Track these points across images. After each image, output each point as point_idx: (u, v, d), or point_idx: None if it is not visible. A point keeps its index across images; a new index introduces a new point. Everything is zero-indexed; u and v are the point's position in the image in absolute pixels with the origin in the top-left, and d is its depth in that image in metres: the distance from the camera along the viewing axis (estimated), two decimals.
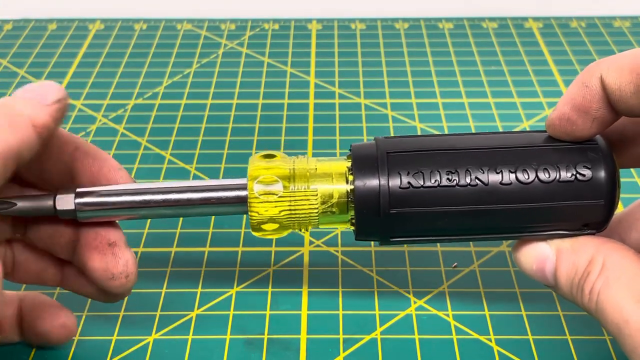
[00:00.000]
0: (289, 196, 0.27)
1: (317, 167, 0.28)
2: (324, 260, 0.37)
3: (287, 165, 0.28)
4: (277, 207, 0.27)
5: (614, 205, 0.26)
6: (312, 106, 0.49)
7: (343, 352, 0.32)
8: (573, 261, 0.26)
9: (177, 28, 0.59)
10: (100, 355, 0.32)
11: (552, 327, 0.33)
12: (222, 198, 0.28)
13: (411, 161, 0.26)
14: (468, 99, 0.49)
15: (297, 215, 0.28)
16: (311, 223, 0.28)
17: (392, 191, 0.26)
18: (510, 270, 0.36)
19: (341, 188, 0.27)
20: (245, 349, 0.32)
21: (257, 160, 0.28)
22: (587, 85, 0.25)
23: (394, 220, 0.26)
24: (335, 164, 0.28)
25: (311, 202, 0.27)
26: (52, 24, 0.60)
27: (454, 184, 0.26)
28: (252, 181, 0.27)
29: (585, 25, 0.59)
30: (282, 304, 0.34)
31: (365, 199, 0.26)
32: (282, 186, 0.27)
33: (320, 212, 0.28)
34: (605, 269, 0.24)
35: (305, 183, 0.27)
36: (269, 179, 0.27)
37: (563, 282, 0.26)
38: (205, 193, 0.28)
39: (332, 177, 0.27)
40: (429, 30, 0.58)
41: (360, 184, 0.26)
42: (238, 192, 0.28)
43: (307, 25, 0.59)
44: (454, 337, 0.33)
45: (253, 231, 0.28)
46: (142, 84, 0.51)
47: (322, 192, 0.27)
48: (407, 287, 0.35)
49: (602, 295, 0.24)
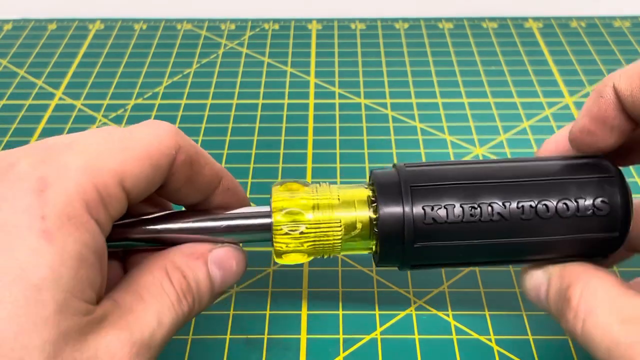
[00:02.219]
0: (314, 227, 0.27)
1: (339, 196, 0.28)
2: (324, 260, 0.37)
3: (310, 196, 0.28)
4: (300, 239, 0.28)
5: (627, 234, 0.27)
6: (312, 106, 0.49)
7: (343, 352, 0.32)
8: (558, 288, 0.26)
9: (177, 28, 0.59)
10: None
11: (552, 327, 0.33)
12: (247, 225, 0.28)
13: (435, 196, 0.26)
14: (468, 99, 0.49)
15: (322, 245, 0.28)
16: (334, 251, 0.28)
17: (417, 226, 0.26)
18: (510, 270, 0.36)
19: (363, 215, 0.27)
20: (245, 349, 0.32)
21: (280, 192, 0.28)
22: (601, 96, 0.26)
23: (417, 250, 0.27)
24: (357, 191, 0.28)
25: (335, 231, 0.27)
26: (52, 24, 0.60)
27: (476, 219, 0.26)
28: (276, 213, 0.27)
29: (585, 25, 0.59)
30: (282, 304, 0.34)
31: (389, 230, 0.26)
32: (306, 218, 0.27)
33: (344, 240, 0.28)
34: (584, 294, 0.25)
35: (328, 213, 0.27)
36: (293, 212, 0.27)
37: (552, 306, 0.26)
38: (231, 221, 0.28)
39: (355, 205, 0.28)
40: (429, 30, 0.58)
41: (384, 216, 0.26)
42: (262, 220, 0.28)
43: (307, 25, 0.59)
44: (454, 337, 0.33)
45: (276, 258, 0.28)
46: (142, 84, 0.51)
47: (346, 221, 0.27)
48: (407, 287, 0.35)
49: (587, 321, 0.24)
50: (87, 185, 0.23)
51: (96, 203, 0.23)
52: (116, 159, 0.24)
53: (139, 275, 0.26)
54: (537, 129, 0.46)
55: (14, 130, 0.47)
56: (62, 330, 0.21)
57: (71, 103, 0.50)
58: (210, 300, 0.27)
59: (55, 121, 0.48)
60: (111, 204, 0.23)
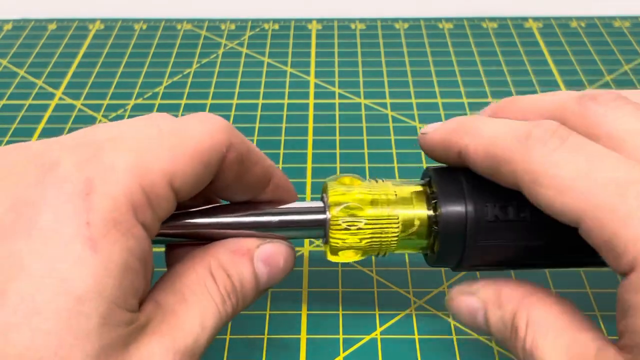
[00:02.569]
0: (372, 223, 0.27)
1: (396, 192, 0.27)
2: (324, 260, 0.37)
3: (367, 191, 0.27)
4: (358, 235, 0.27)
5: None
6: (312, 106, 0.49)
7: (343, 352, 0.32)
8: (500, 316, 0.25)
9: (177, 28, 0.59)
10: None
11: None
12: (299, 221, 0.27)
13: (498, 192, 0.25)
14: (468, 99, 0.49)
15: (378, 242, 0.27)
16: (389, 249, 0.28)
17: (479, 223, 0.25)
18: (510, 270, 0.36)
19: (422, 213, 0.27)
20: (245, 349, 0.32)
21: (336, 186, 0.28)
22: (447, 151, 0.26)
23: (478, 249, 0.26)
24: (413, 188, 0.27)
25: (392, 228, 0.27)
26: (52, 24, 0.60)
27: (539, 218, 0.25)
28: (333, 207, 0.27)
29: (585, 25, 0.59)
30: (282, 304, 0.34)
31: (451, 228, 0.26)
32: (365, 213, 0.27)
33: (400, 238, 0.27)
34: (530, 325, 0.24)
35: (387, 209, 0.27)
36: (351, 207, 0.27)
37: (495, 334, 0.26)
38: (283, 216, 0.27)
39: (413, 202, 0.27)
40: (429, 30, 0.58)
41: (446, 213, 0.26)
42: (315, 216, 0.27)
43: (307, 25, 0.59)
44: (454, 337, 0.33)
45: (330, 255, 0.28)
46: (142, 84, 0.51)
47: (404, 218, 0.27)
48: (407, 287, 0.35)
49: (535, 355, 0.23)
50: (134, 187, 0.21)
51: (143, 205, 0.22)
52: (166, 157, 0.22)
53: (182, 272, 0.25)
54: None
55: (14, 130, 0.47)
56: (105, 343, 0.20)
57: (71, 103, 0.50)
58: (254, 299, 0.26)
59: (55, 121, 0.48)
60: (159, 204, 0.22)
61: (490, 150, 0.24)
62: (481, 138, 0.25)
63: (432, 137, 0.27)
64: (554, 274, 0.36)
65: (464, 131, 0.26)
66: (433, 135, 0.27)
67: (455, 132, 0.26)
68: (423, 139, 0.28)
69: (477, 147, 0.25)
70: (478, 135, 0.25)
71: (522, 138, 0.24)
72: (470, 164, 0.26)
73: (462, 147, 0.26)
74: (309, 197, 0.41)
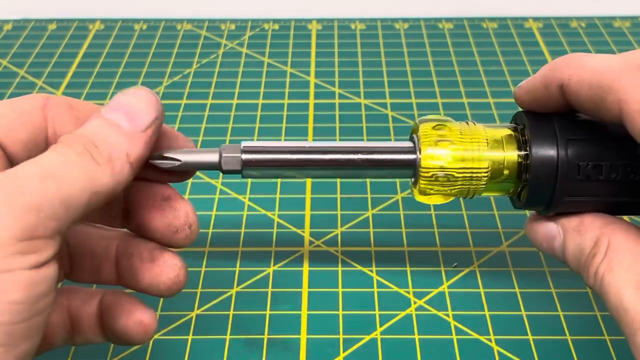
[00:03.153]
0: (461, 174, 0.27)
1: (487, 137, 0.27)
2: (324, 260, 0.37)
3: (457, 129, 0.28)
4: (447, 185, 0.27)
5: None
6: (312, 106, 0.49)
7: (343, 352, 0.32)
8: (579, 242, 0.26)
9: (177, 28, 0.59)
10: (101, 355, 0.32)
11: (552, 327, 0.33)
12: (391, 160, 0.27)
13: (591, 151, 0.26)
14: (468, 99, 0.49)
15: (467, 187, 0.28)
16: (477, 191, 0.28)
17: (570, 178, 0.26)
18: (510, 270, 0.36)
19: (512, 157, 0.27)
20: (245, 349, 0.32)
21: (427, 125, 0.28)
22: (547, 88, 0.26)
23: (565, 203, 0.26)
24: (504, 131, 0.28)
25: (482, 174, 0.27)
26: (52, 24, 0.60)
27: (630, 177, 0.26)
28: (425, 157, 0.27)
29: (585, 25, 0.59)
30: (282, 304, 0.34)
31: (541, 175, 0.26)
32: (454, 165, 0.27)
33: (489, 178, 0.27)
34: (609, 251, 0.25)
35: (477, 159, 0.27)
36: (441, 144, 0.27)
37: (570, 261, 0.26)
38: (372, 155, 0.27)
39: (504, 146, 0.27)
40: (429, 30, 0.58)
41: (537, 158, 0.26)
42: (407, 155, 0.28)
43: (307, 25, 0.59)
44: (454, 337, 0.33)
45: (419, 195, 0.28)
46: (142, 84, 0.51)
47: (493, 164, 0.27)
48: (407, 287, 0.35)
49: (605, 278, 0.24)
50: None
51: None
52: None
53: None
54: None
55: None
56: None
57: None
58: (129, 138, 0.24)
59: None
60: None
61: (595, 80, 0.24)
62: (585, 69, 0.25)
63: (531, 80, 0.27)
64: (554, 273, 0.36)
65: (565, 65, 0.26)
66: (532, 79, 0.27)
67: (557, 67, 0.26)
68: (519, 87, 0.28)
69: (582, 76, 0.25)
70: (581, 66, 0.25)
71: (631, 67, 0.23)
72: (572, 97, 0.25)
73: (564, 79, 0.25)
74: (308, 198, 0.41)
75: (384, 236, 0.38)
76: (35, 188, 0.22)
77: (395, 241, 0.38)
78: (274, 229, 0.39)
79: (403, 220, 0.39)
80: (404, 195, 0.41)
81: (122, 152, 0.24)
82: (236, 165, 0.28)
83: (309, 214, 0.40)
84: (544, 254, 0.37)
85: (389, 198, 0.41)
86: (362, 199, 0.41)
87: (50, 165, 0.22)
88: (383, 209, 0.40)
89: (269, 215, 0.40)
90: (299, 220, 0.39)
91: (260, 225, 0.39)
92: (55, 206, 0.22)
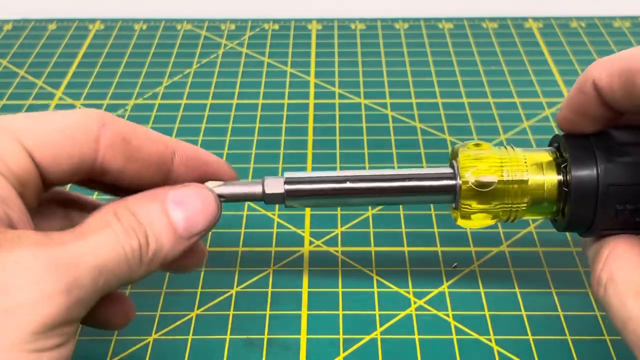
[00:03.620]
0: (503, 187, 0.27)
1: (526, 159, 0.28)
2: (324, 260, 0.37)
3: (498, 155, 0.28)
4: (488, 198, 0.27)
5: None
6: (312, 106, 0.49)
7: (343, 352, 0.32)
8: (589, 254, 0.26)
9: (177, 28, 0.59)
10: (101, 355, 0.32)
11: (552, 327, 0.33)
12: (430, 187, 0.28)
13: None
14: (468, 99, 0.49)
15: (509, 207, 0.28)
16: (519, 214, 0.28)
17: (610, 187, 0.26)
18: (510, 270, 0.36)
19: (552, 178, 0.27)
20: (245, 349, 0.32)
21: (467, 150, 0.28)
22: (582, 91, 0.26)
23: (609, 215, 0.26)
24: (542, 154, 0.28)
25: (523, 193, 0.27)
26: (52, 24, 0.60)
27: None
28: (464, 171, 0.27)
29: (585, 25, 0.59)
30: (282, 304, 0.34)
31: (583, 192, 0.26)
32: (496, 177, 0.27)
33: (531, 203, 0.27)
34: (609, 260, 0.25)
35: (518, 174, 0.27)
36: (483, 171, 0.27)
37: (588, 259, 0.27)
38: (412, 182, 0.28)
39: (543, 168, 0.27)
40: (429, 30, 0.58)
41: (577, 176, 0.26)
42: (446, 181, 0.28)
43: (307, 25, 0.59)
44: (454, 337, 0.33)
45: (461, 219, 0.28)
46: (142, 84, 0.51)
47: (534, 182, 0.27)
48: (407, 287, 0.35)
49: (608, 288, 0.24)
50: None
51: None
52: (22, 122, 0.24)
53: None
54: (537, 129, 0.46)
55: None
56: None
57: (71, 103, 0.50)
58: (176, 244, 0.25)
59: None
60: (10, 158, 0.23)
61: (625, 66, 0.24)
62: (613, 61, 0.25)
63: (569, 95, 0.27)
64: (554, 273, 0.36)
65: (594, 66, 0.26)
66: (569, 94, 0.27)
67: (587, 70, 0.26)
68: (560, 108, 0.27)
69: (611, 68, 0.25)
70: (609, 60, 0.25)
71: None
72: (606, 92, 0.25)
73: (595, 76, 0.25)
74: None
75: (384, 236, 0.38)
76: (89, 284, 0.22)
77: (395, 241, 0.38)
78: (274, 229, 0.39)
79: (403, 220, 0.39)
80: None
81: (164, 255, 0.24)
82: (279, 198, 0.28)
83: (309, 214, 0.40)
84: (544, 254, 0.37)
85: None
86: None
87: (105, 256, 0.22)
88: (383, 209, 0.40)
89: (269, 215, 0.40)
90: (299, 220, 0.39)
91: (260, 225, 0.39)
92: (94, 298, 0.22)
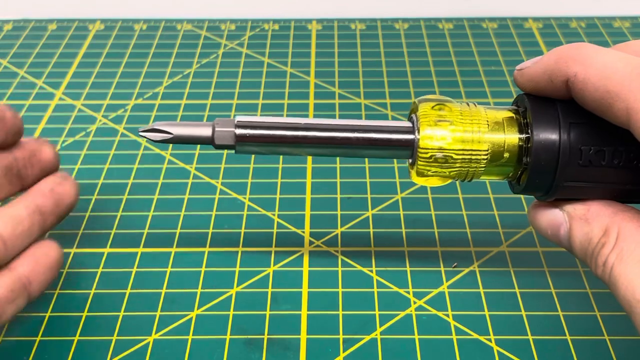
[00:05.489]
0: (461, 153, 0.27)
1: (488, 119, 0.27)
2: (324, 260, 0.37)
3: (459, 118, 0.27)
4: (446, 167, 0.27)
5: None
6: (312, 106, 0.49)
7: (343, 352, 0.32)
8: (587, 232, 0.25)
9: (177, 28, 0.59)
10: (100, 355, 0.32)
11: (552, 327, 0.33)
12: (389, 140, 0.27)
13: (594, 136, 0.25)
14: (468, 99, 0.49)
15: (465, 171, 0.27)
16: (475, 176, 0.27)
17: (571, 164, 0.25)
18: (510, 270, 0.36)
19: (513, 140, 0.27)
20: (245, 349, 0.32)
21: (426, 103, 0.28)
22: (552, 81, 0.25)
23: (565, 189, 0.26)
24: (505, 113, 0.27)
25: (481, 157, 0.27)
26: (52, 24, 0.60)
27: (633, 163, 0.25)
28: (424, 138, 0.27)
29: (585, 25, 0.59)
30: (282, 304, 0.34)
31: (542, 160, 0.25)
32: (454, 147, 0.27)
33: (488, 160, 0.27)
34: (619, 241, 0.24)
35: (477, 141, 0.27)
36: (441, 125, 0.27)
37: (577, 250, 0.26)
38: (369, 134, 0.27)
39: (504, 128, 0.27)
40: (429, 30, 0.58)
41: (539, 142, 0.25)
42: (405, 135, 0.27)
43: (307, 25, 0.59)
44: (454, 337, 0.33)
45: (417, 176, 0.28)
46: (142, 84, 0.51)
47: (493, 147, 0.27)
48: (407, 287, 0.35)
49: (615, 269, 0.23)
50: None
51: None
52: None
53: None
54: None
55: None
56: None
57: (71, 103, 0.50)
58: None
59: (55, 121, 0.48)
60: None
61: (603, 84, 0.23)
62: (593, 68, 0.24)
63: (534, 68, 0.26)
64: (554, 273, 0.36)
65: (572, 59, 0.25)
66: (535, 66, 0.26)
67: (563, 60, 0.25)
68: (521, 73, 0.27)
69: (588, 77, 0.24)
70: (589, 64, 0.24)
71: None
72: (577, 95, 0.25)
73: (570, 75, 0.24)
74: (308, 198, 0.41)
75: (384, 236, 0.38)
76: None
77: (395, 241, 0.38)
78: (274, 229, 0.39)
79: (403, 220, 0.39)
80: (404, 195, 0.41)
81: None
82: (229, 140, 0.27)
83: (309, 214, 0.40)
84: (544, 254, 0.37)
85: (389, 198, 0.41)
86: (362, 199, 0.41)
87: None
88: (383, 209, 0.40)
89: (269, 215, 0.40)
90: (299, 220, 0.39)
91: (260, 225, 0.39)
92: None
